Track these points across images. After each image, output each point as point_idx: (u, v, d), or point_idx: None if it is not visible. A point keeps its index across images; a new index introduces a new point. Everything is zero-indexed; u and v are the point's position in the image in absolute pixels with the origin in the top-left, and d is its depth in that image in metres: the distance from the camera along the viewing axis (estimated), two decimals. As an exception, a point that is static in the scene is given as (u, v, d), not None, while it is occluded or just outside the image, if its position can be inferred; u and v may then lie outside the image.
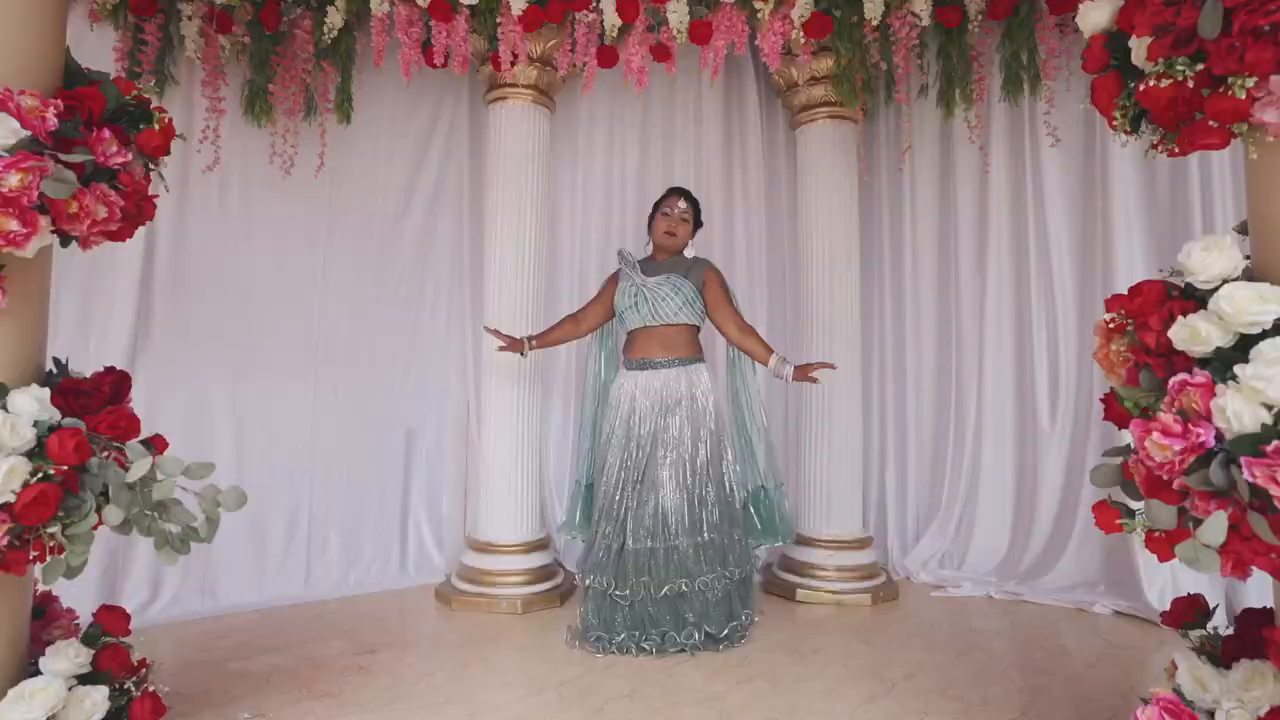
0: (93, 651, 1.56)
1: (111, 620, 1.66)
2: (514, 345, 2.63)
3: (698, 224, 2.76)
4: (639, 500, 2.46)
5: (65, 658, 1.49)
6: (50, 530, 1.32)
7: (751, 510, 2.71)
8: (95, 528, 1.37)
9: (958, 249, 3.54)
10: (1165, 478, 1.14)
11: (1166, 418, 1.12)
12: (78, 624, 1.71)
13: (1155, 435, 1.13)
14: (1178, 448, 1.10)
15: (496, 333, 2.62)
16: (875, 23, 2.75)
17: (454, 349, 3.50)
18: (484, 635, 2.62)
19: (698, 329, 2.67)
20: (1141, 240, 2.99)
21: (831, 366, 2.48)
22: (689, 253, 2.74)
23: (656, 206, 2.73)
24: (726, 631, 2.44)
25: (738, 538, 2.58)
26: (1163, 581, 2.77)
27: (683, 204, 2.68)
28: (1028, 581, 3.19)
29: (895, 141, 3.75)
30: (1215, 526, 1.01)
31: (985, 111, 3.12)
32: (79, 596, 2.12)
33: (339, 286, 3.25)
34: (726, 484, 2.60)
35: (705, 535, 2.44)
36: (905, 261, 3.72)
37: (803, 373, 2.48)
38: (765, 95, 3.78)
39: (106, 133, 1.49)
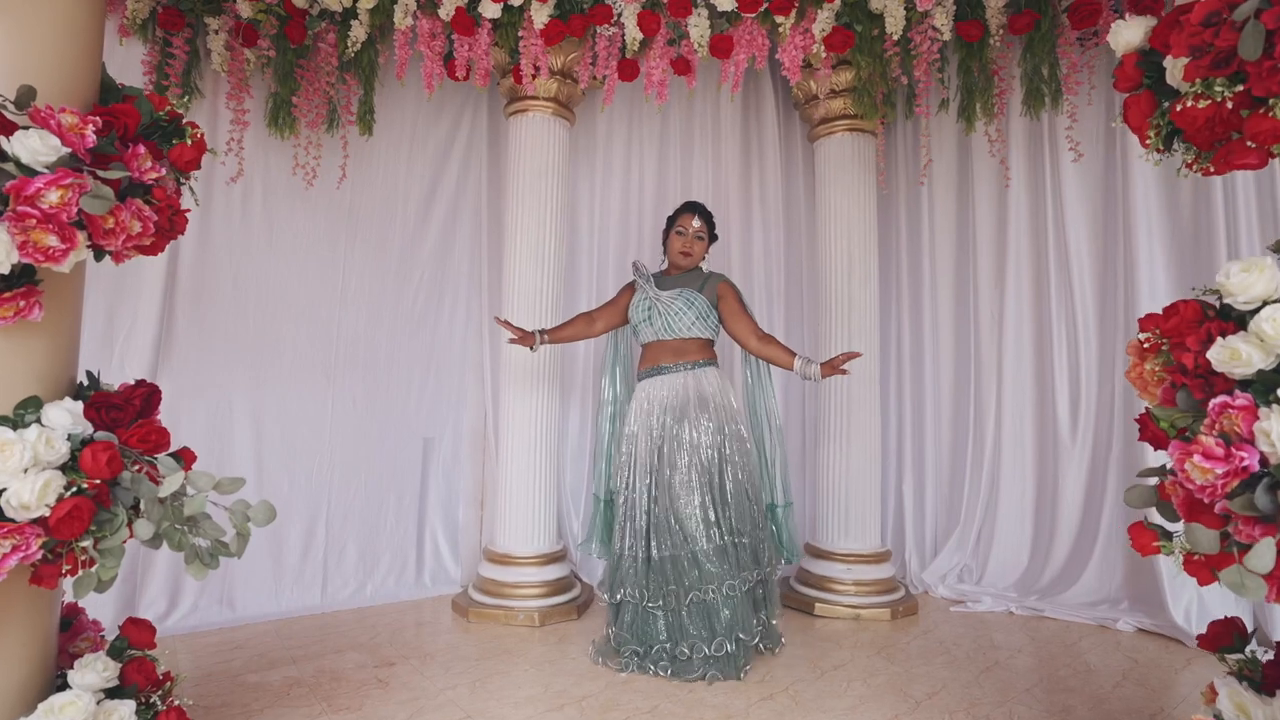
0: (119, 665, 1.57)
1: (137, 633, 1.66)
2: (525, 338, 2.59)
3: (712, 239, 2.74)
4: (659, 507, 2.44)
5: (94, 671, 1.49)
6: (83, 544, 1.33)
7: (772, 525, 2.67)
8: (125, 541, 1.38)
9: (976, 262, 3.53)
10: (1206, 501, 1.12)
11: (1208, 440, 1.11)
12: (103, 636, 1.72)
13: (1196, 458, 1.12)
14: (1220, 471, 1.09)
15: (507, 324, 2.58)
16: (896, 37, 2.76)
17: (471, 359, 3.52)
18: (502, 648, 2.61)
19: (711, 342, 2.66)
20: (1163, 257, 2.97)
21: (857, 354, 2.39)
22: (704, 265, 2.74)
23: (671, 223, 2.72)
24: (757, 639, 2.43)
25: (761, 539, 2.53)
26: (1189, 599, 2.73)
27: (697, 223, 2.67)
28: (1049, 597, 3.15)
29: (913, 155, 3.75)
30: (1264, 553, 0.99)
31: (1004, 126, 3.11)
32: (98, 606, 2.14)
33: (359, 296, 3.28)
34: (745, 483, 2.53)
35: (725, 538, 2.41)
36: (923, 274, 3.71)
37: (830, 368, 2.41)
38: (783, 108, 3.79)
39: (141, 148, 1.51)
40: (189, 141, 1.63)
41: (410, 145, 3.41)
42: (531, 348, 2.61)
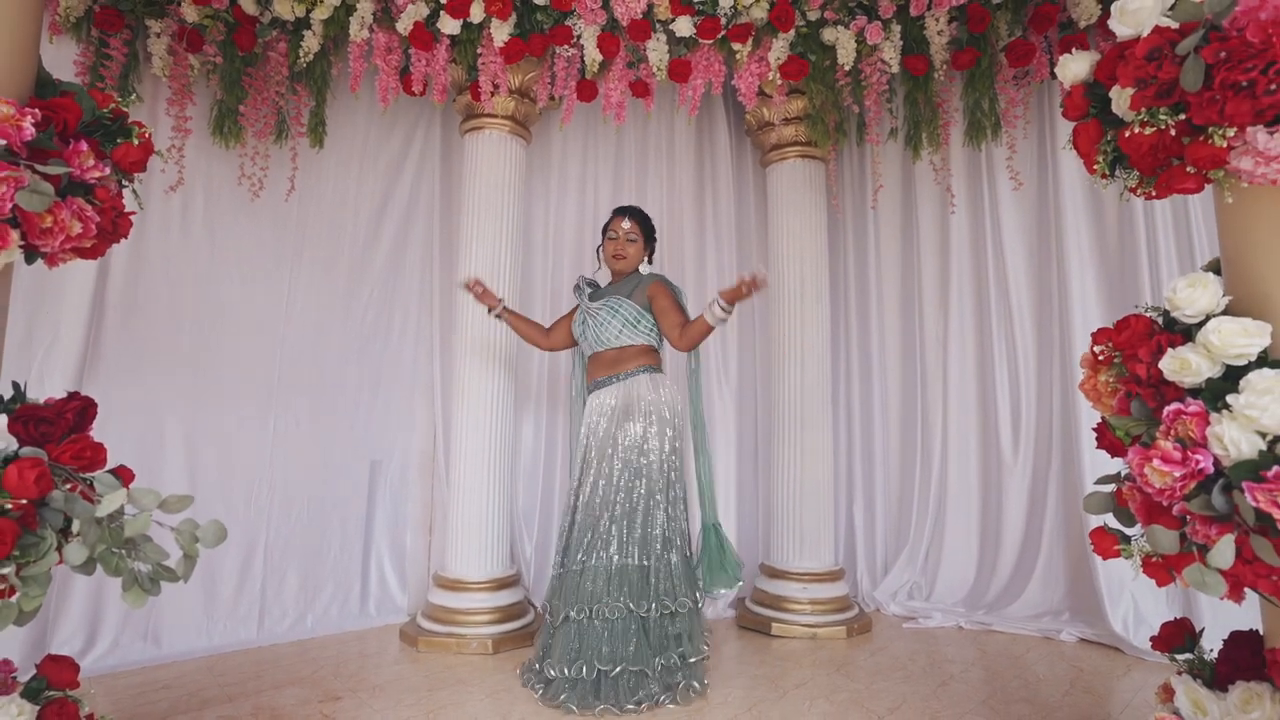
0: (37, 708, 1.42)
1: (58, 672, 1.51)
2: (488, 296, 2.63)
3: (650, 239, 2.60)
4: (596, 521, 2.34)
5: (6, 716, 1.34)
6: (3, 570, 1.20)
7: (708, 548, 2.51)
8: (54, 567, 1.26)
9: (921, 286, 3.67)
10: (1165, 503, 1.18)
11: (1165, 445, 1.16)
12: (15, 676, 1.56)
13: (1155, 462, 1.17)
14: (1178, 474, 1.14)
15: (477, 282, 2.62)
16: (847, 68, 2.87)
17: (421, 378, 3.42)
18: (454, 678, 2.50)
19: (651, 348, 2.52)
20: (1094, 280, 3.15)
21: (759, 273, 2.12)
22: (644, 269, 2.59)
23: (604, 231, 2.62)
24: (693, 659, 2.29)
25: (660, 567, 2.31)
26: (1125, 609, 2.85)
27: (627, 224, 2.54)
28: (995, 611, 3.24)
29: (858, 181, 3.89)
30: (1224, 550, 1.04)
31: (947, 155, 3.27)
32: (4, 643, 1.95)
33: (305, 313, 3.14)
34: (677, 504, 2.40)
35: (659, 559, 2.30)
36: (870, 298, 3.83)
37: (734, 292, 2.15)
38: (735, 132, 3.88)
39: (84, 145, 1.41)
40: (135, 141, 1.54)
41: (361, 159, 3.32)
42: (490, 310, 2.63)
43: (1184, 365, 1.23)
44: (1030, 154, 3.30)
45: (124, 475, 1.40)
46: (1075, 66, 1.51)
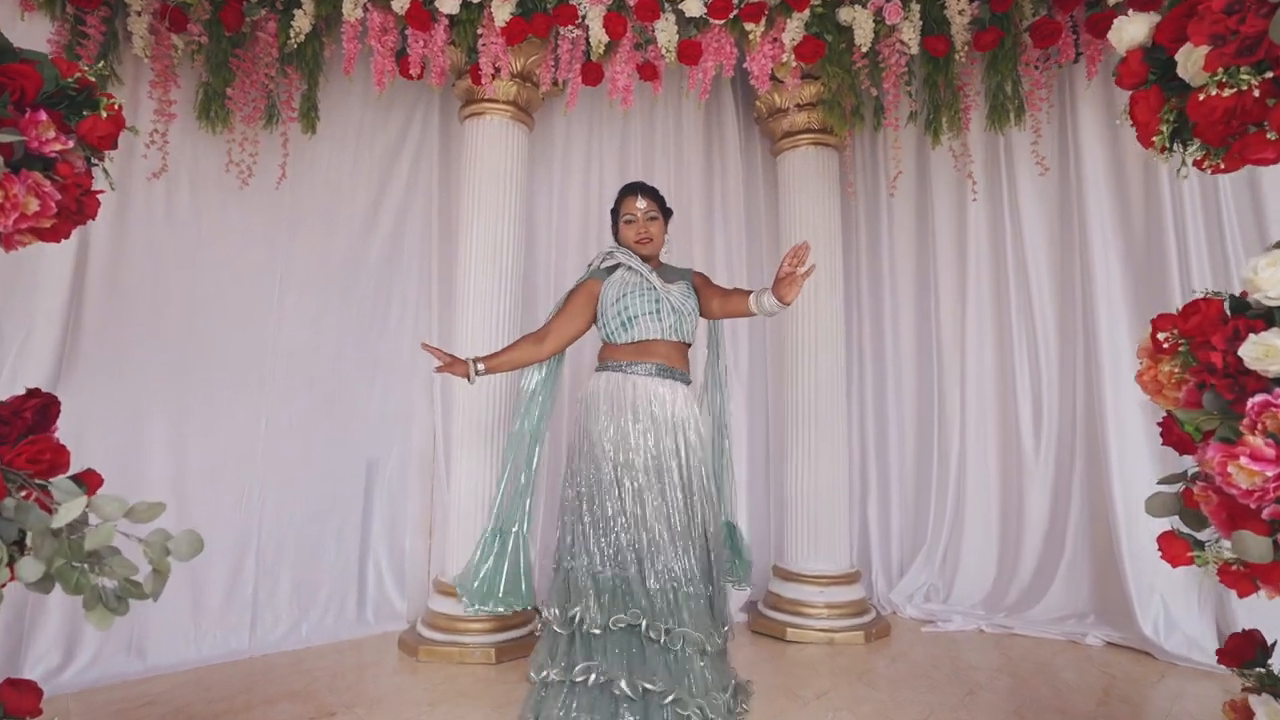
0: (-4, 736, 1.29)
1: (17, 698, 1.37)
2: (456, 366, 2.12)
3: (666, 215, 2.31)
4: (644, 532, 2.03)
5: (-39, 745, 1.21)
6: (-50, 588, 1.07)
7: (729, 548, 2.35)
8: (5, 585, 1.13)
9: (937, 277, 3.54)
10: (1253, 506, 1.05)
11: (1256, 441, 1.04)
12: (-22, 699, 1.43)
13: (1242, 460, 1.04)
14: (1270, 473, 1.01)
15: (436, 350, 2.13)
16: (865, 49, 2.74)
17: (420, 374, 3.27)
18: (457, 690, 2.37)
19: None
20: (1119, 265, 3.02)
21: (804, 246, 1.95)
22: (664, 256, 2.30)
23: (616, 215, 2.30)
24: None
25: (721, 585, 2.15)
26: (1156, 612, 2.73)
27: (642, 202, 2.22)
28: (1016, 613, 3.12)
29: (869, 169, 3.77)
30: (1336, 561, 0.92)
31: (967, 140, 3.13)
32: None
33: (297, 307, 3.00)
34: (712, 516, 2.16)
35: (720, 593, 2.11)
36: (884, 288, 3.70)
37: (789, 283, 1.95)
38: (743, 118, 3.74)
39: (42, 115, 1.28)
40: (103, 114, 1.40)
41: (356, 145, 3.18)
42: (468, 379, 2.14)
43: (1270, 352, 1.10)
44: (1051, 139, 3.17)
45: (90, 480, 1.26)
46: (1132, 29, 1.38)
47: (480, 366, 2.15)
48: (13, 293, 2.39)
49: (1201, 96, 1.20)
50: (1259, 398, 1.09)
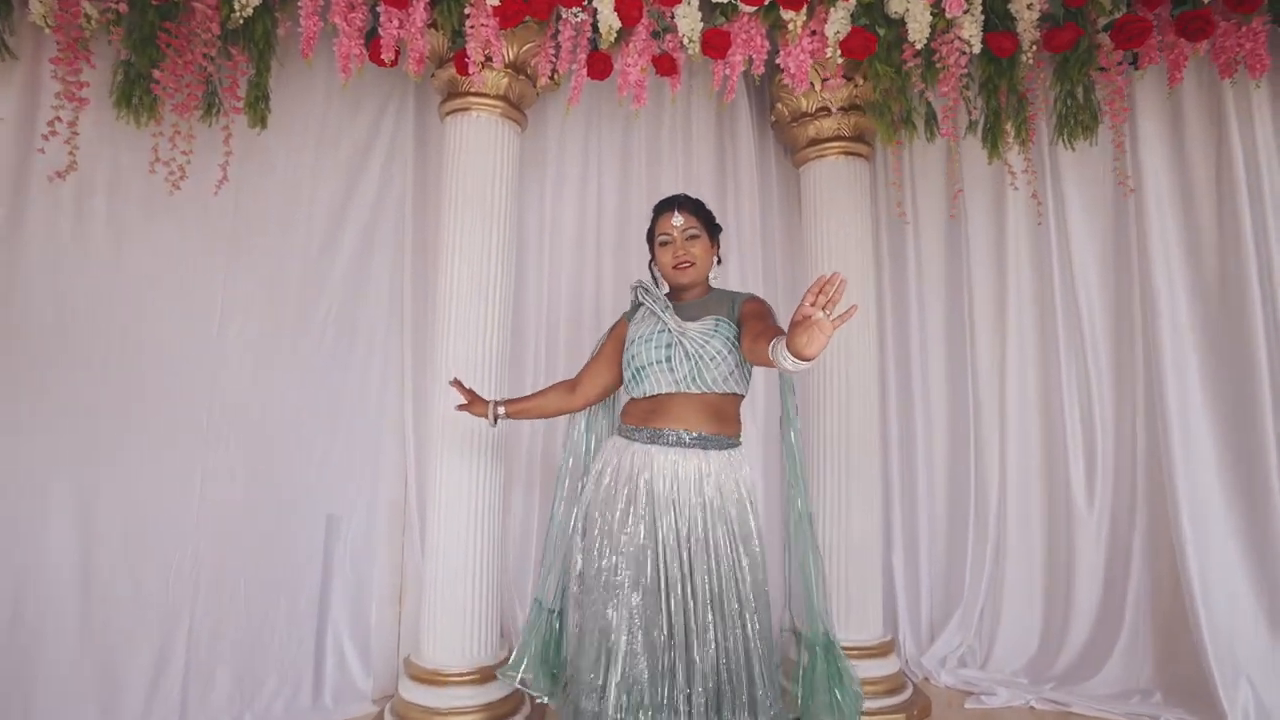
0: None
1: None
2: (477, 406, 1.94)
3: (714, 232, 1.96)
4: (675, 641, 1.70)
5: None
6: None
7: (809, 670, 1.96)
8: None
9: (972, 305, 3.18)
10: None
11: None
12: None
13: None
14: None
15: (460, 385, 1.95)
16: (919, 46, 2.36)
17: (390, 415, 2.80)
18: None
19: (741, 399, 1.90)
20: (1185, 290, 2.71)
21: (837, 279, 1.34)
22: (714, 278, 1.95)
23: (651, 238, 1.98)
24: None
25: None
26: (1245, 696, 2.40)
27: (679, 219, 1.88)
28: (1067, 686, 2.79)
29: (883, 183, 3.39)
30: None
31: (1031, 153, 2.77)
32: None
33: (242, 338, 2.52)
34: (740, 633, 1.77)
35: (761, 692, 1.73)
36: (910, 318, 3.32)
37: (803, 330, 1.33)
38: (758, 125, 3.35)
39: None
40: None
41: (317, 144, 2.70)
42: (490, 421, 1.92)
43: None
44: (1104, 155, 2.85)
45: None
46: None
47: (502, 410, 1.97)
48: None
49: None
50: None
